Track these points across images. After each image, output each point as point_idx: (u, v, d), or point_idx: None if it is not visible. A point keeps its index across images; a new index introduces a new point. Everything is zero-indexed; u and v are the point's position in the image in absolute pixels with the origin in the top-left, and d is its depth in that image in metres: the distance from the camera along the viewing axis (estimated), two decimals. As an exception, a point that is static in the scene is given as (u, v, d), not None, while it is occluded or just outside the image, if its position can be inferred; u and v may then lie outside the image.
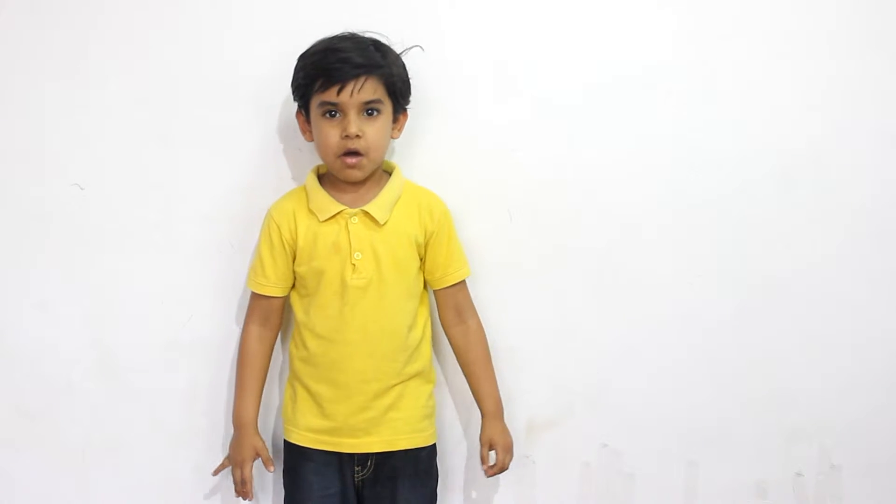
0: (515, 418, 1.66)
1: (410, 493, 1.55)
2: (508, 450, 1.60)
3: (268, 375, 1.61)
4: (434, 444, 1.60)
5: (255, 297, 1.58)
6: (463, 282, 1.60)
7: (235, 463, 1.57)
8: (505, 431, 1.61)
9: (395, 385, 1.53)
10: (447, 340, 1.62)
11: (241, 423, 1.57)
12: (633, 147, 1.66)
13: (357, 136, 1.47)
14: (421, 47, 1.58)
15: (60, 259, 1.66)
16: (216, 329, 1.65)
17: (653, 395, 1.68)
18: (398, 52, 1.55)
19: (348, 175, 1.51)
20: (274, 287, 1.56)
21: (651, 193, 1.66)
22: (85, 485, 1.68)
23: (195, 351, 1.66)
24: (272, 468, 1.58)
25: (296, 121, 1.57)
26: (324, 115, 1.49)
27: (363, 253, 1.51)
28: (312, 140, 1.55)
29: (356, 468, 1.55)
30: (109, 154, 1.64)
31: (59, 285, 1.66)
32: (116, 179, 1.65)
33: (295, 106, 1.55)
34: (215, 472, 1.62)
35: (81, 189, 1.65)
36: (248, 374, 1.58)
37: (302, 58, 1.51)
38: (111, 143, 1.64)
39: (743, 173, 1.66)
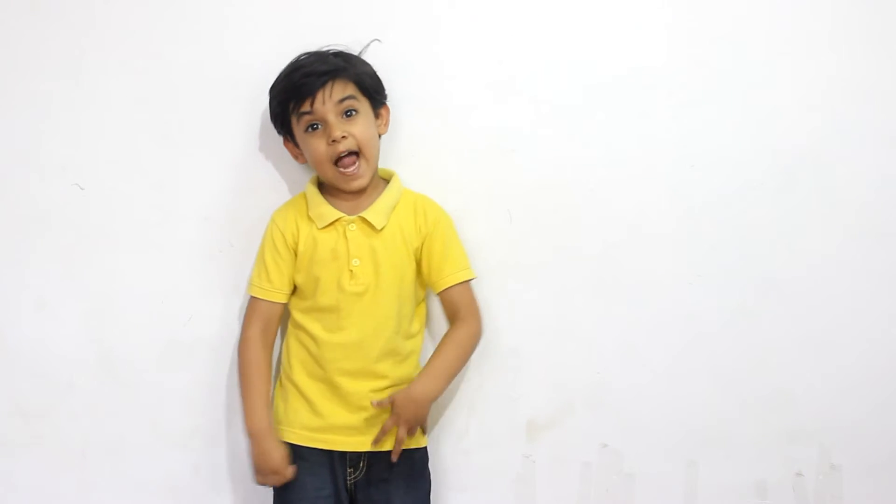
0: (515, 418, 1.66)
1: (405, 495, 1.55)
2: (406, 419, 1.50)
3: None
4: (426, 447, 1.60)
5: (257, 303, 1.58)
6: (463, 284, 1.59)
7: (268, 471, 1.52)
8: (411, 401, 1.51)
9: (387, 388, 1.53)
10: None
11: (257, 432, 1.53)
12: (633, 147, 1.65)
13: (343, 137, 1.50)
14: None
15: (60, 259, 1.66)
16: (216, 329, 1.65)
17: (653, 395, 1.68)
18: (378, 52, 1.58)
19: (350, 185, 1.53)
20: (277, 292, 1.57)
21: (651, 193, 1.66)
22: (85, 485, 1.68)
23: (195, 351, 1.66)
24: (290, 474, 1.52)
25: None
26: (306, 130, 1.52)
27: (361, 259, 1.52)
28: (306, 162, 1.57)
29: (349, 469, 1.54)
30: (109, 154, 1.65)
31: (59, 285, 1.66)
32: (116, 179, 1.65)
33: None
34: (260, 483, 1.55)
35: (81, 189, 1.65)
36: (256, 381, 1.55)
37: (272, 89, 1.55)
38: (111, 142, 1.65)
39: (743, 173, 1.66)
